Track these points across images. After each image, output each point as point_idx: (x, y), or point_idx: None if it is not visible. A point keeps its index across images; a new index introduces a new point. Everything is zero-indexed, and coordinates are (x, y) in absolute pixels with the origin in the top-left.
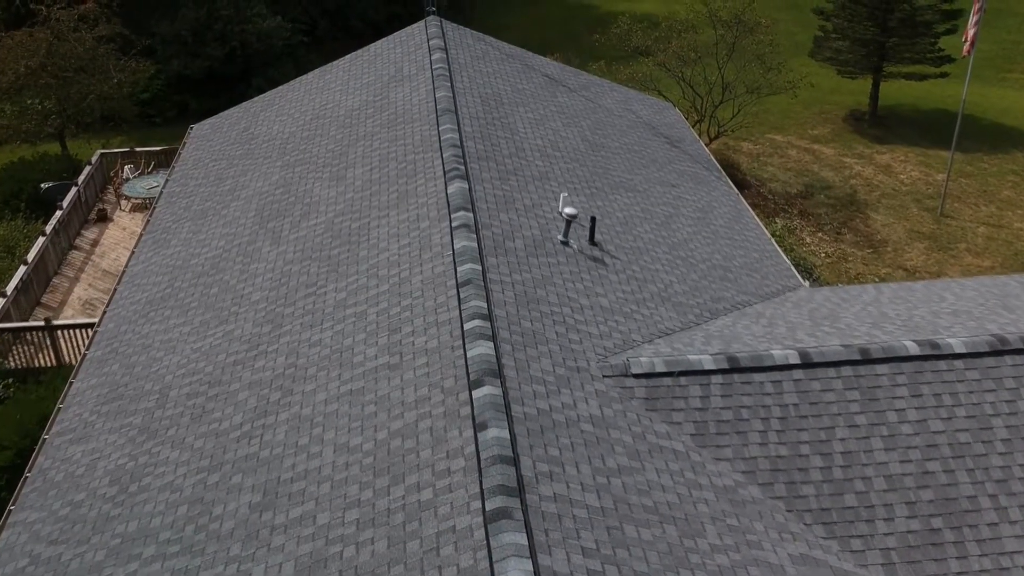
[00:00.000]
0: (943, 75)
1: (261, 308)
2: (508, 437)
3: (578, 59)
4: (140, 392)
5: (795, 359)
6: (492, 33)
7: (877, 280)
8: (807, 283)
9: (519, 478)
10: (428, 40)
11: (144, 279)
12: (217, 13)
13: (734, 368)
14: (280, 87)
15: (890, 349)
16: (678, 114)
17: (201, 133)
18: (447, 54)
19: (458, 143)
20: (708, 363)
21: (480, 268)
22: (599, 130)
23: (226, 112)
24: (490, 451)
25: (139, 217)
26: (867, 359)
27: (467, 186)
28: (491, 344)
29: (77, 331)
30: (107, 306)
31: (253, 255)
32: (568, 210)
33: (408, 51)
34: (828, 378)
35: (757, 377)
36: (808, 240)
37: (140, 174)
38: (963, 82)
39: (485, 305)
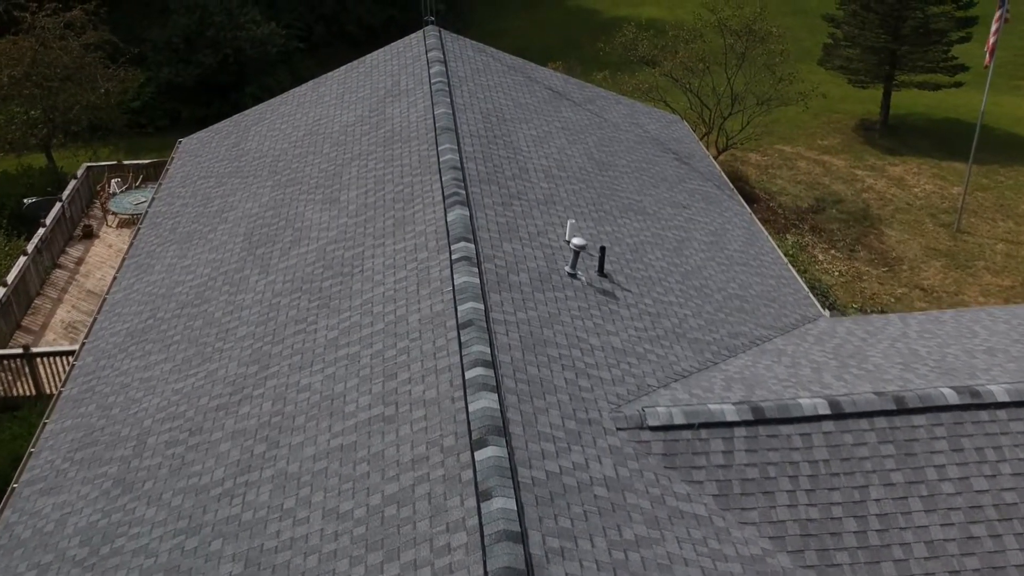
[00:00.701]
0: (958, 85)
1: (247, 345)
2: (515, 508)
3: (580, 67)
4: (116, 438)
5: (824, 409)
6: (491, 38)
7: (893, 300)
8: (827, 312)
9: (527, 557)
10: (427, 52)
11: (125, 308)
12: (209, 19)
13: (759, 419)
14: (272, 100)
15: (927, 398)
16: (686, 127)
17: (189, 148)
18: (446, 67)
19: (458, 164)
20: (730, 413)
21: (482, 307)
22: (605, 147)
23: (215, 126)
24: (495, 525)
25: (126, 233)
26: (903, 409)
27: (468, 213)
28: (495, 396)
29: (57, 359)
30: (86, 337)
31: (240, 284)
32: (576, 240)
33: (405, 63)
34: (861, 430)
35: (784, 429)
36: (821, 258)
37: (127, 188)
38: (975, 90)
39: (488, 350)
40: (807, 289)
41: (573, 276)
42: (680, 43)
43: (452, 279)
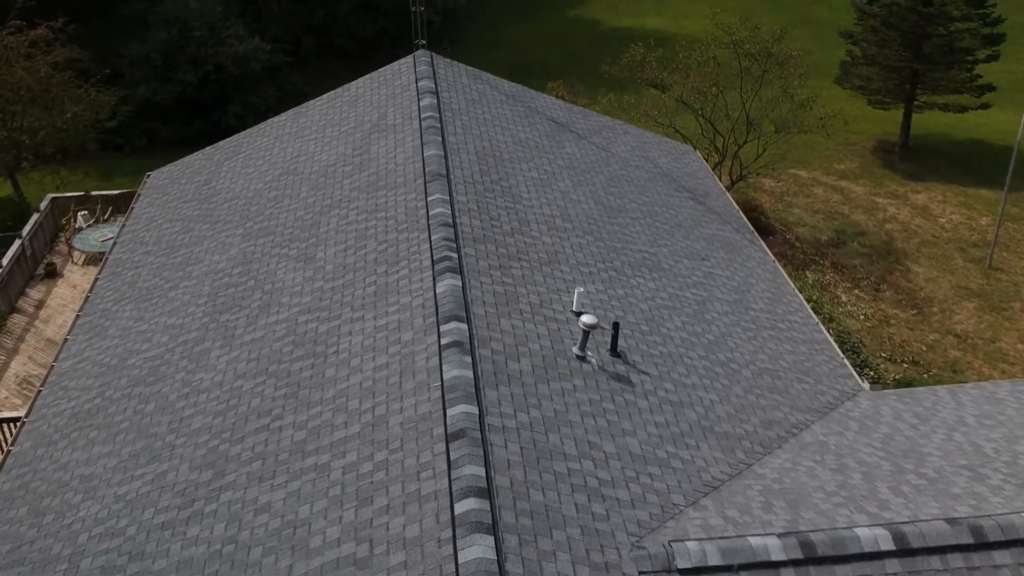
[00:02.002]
0: (985, 107)
1: (202, 442)
2: None
3: (583, 85)
4: (46, 556)
5: (888, 543)
6: (489, 49)
7: (924, 348)
8: (866, 384)
9: None
10: (416, 80)
11: (72, 381)
12: (190, 34)
13: (810, 558)
14: (249, 130)
15: (1010, 527)
16: (699, 159)
17: (157, 184)
18: (438, 98)
19: (449, 220)
20: (775, 550)
21: (476, 410)
22: (614, 187)
23: (186, 159)
24: None
25: (92, 272)
26: (982, 543)
27: (460, 283)
28: (490, 540)
29: (5, 426)
30: (27, 415)
31: (200, 360)
32: (585, 319)
33: (393, 93)
34: (933, 570)
35: (840, 571)
36: (844, 298)
37: (94, 222)
38: (998, 109)
39: (482, 471)
40: (841, 355)
41: (582, 359)
42: (692, 64)
43: (441, 371)
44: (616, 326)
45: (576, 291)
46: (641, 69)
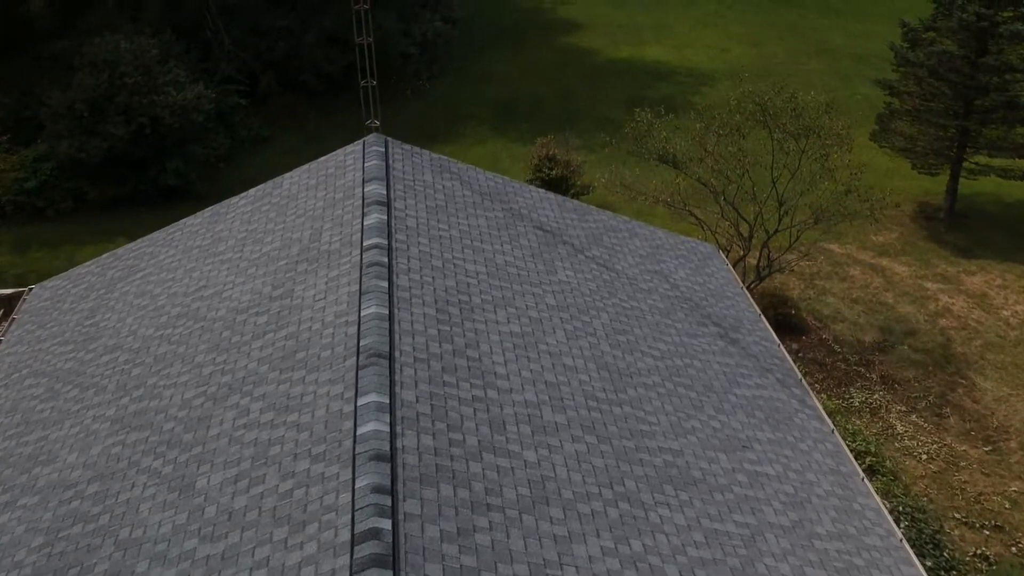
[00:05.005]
0: None
1: None
2: None
3: (577, 135)
4: None
5: None
6: (474, 84)
7: (1008, 505)
8: None
9: None
10: (364, 181)
11: None
12: (120, 80)
13: None
14: (156, 234)
15: None
16: (723, 262)
17: (37, 306)
18: (389, 211)
19: (386, 446)
20: None
21: None
22: (622, 331)
23: (76, 271)
24: None
25: None
26: None
27: None
28: None
29: None
30: None
31: None
32: None
33: (334, 199)
34: None
35: None
36: (900, 429)
37: None
38: None
39: None
40: None
41: None
42: (711, 135)
43: None
44: None
45: None
46: (648, 136)
